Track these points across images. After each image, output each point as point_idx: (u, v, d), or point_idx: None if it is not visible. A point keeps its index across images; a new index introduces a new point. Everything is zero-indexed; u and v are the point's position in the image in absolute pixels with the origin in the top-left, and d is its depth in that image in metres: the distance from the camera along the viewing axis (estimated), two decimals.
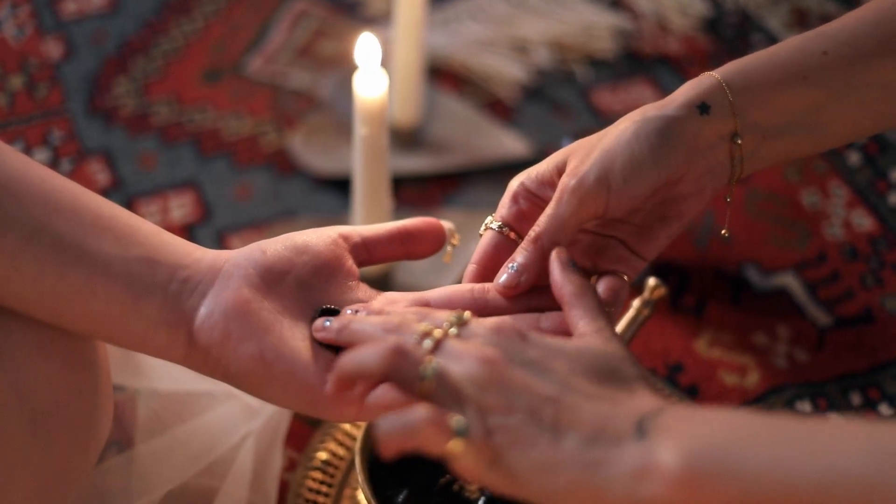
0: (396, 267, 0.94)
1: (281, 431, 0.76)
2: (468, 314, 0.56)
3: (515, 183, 0.65)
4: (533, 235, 0.61)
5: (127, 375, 0.73)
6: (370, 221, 0.86)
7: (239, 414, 0.74)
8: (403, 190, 1.02)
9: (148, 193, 1.01)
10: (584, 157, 0.62)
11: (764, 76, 0.62)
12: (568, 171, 0.62)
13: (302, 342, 0.58)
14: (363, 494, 0.62)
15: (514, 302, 0.61)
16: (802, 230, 0.99)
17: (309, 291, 0.60)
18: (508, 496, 0.51)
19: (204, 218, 0.99)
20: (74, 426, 0.57)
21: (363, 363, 0.53)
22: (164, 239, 0.59)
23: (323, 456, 0.78)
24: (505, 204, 0.65)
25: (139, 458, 0.71)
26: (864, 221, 1.00)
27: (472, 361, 0.52)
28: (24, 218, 0.54)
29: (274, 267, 0.60)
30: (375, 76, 0.82)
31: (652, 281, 0.72)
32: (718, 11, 1.24)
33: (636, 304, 0.72)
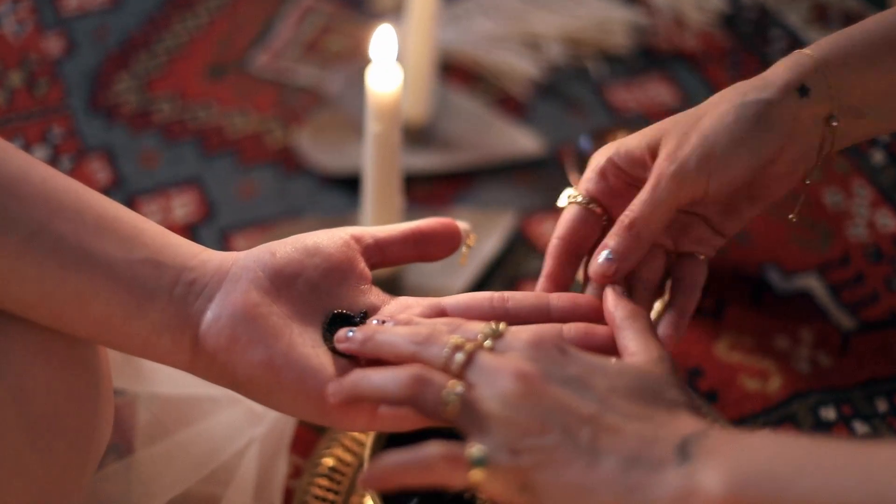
0: (407, 268, 0.93)
1: (286, 437, 0.75)
2: (503, 325, 0.55)
3: (602, 158, 0.64)
4: (627, 221, 0.61)
5: (127, 379, 0.72)
6: (381, 221, 0.85)
7: (243, 419, 0.73)
8: (413, 188, 1.01)
9: (150, 192, 1.01)
10: (681, 139, 0.61)
11: (860, 54, 0.61)
12: (665, 153, 0.61)
13: (312, 348, 0.57)
14: (371, 502, 0.62)
15: (536, 313, 0.60)
16: (824, 231, 0.98)
17: (319, 295, 0.59)
18: None
19: (207, 217, 0.99)
20: (74, 432, 0.57)
21: (382, 389, 0.53)
22: (169, 240, 0.58)
23: (329, 462, 0.77)
24: (590, 178, 0.64)
25: (140, 464, 0.70)
26: (888, 222, 0.99)
27: (505, 377, 0.51)
28: (24, 219, 0.53)
29: (283, 269, 0.58)
30: (390, 70, 0.81)
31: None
32: (736, 7, 1.24)
33: (657, 306, 0.70)
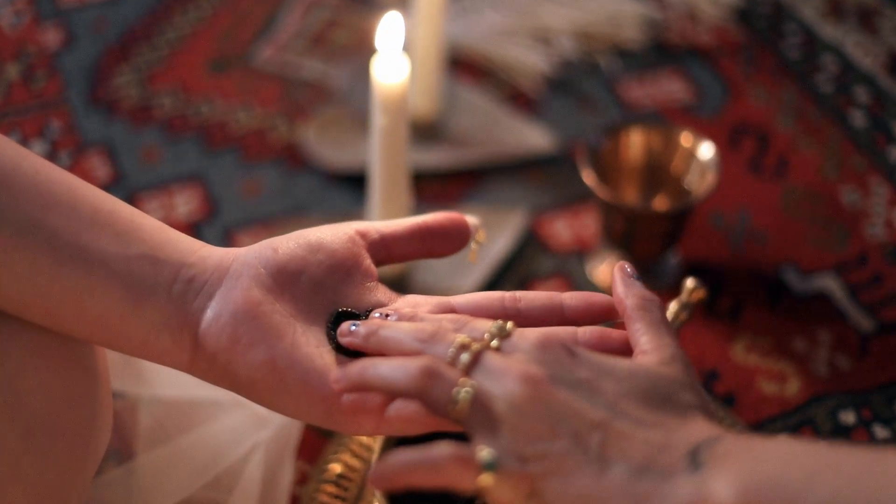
0: (415, 266, 0.92)
1: (292, 442, 0.74)
2: (511, 325, 0.54)
3: None
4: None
5: (127, 381, 0.71)
6: (388, 218, 0.83)
7: (247, 423, 0.72)
8: (421, 185, 1.00)
9: (151, 189, 1.00)
10: None
11: None
12: None
13: (316, 348, 0.55)
14: None
15: (549, 314, 0.58)
16: (841, 230, 0.97)
17: (323, 293, 0.58)
18: None
19: (210, 216, 0.98)
20: (71, 436, 0.55)
21: (390, 379, 0.51)
22: (167, 236, 0.57)
23: (337, 468, 0.76)
24: None
25: (140, 470, 0.69)
26: None
27: (513, 380, 0.50)
28: (16, 213, 0.52)
29: (286, 266, 0.57)
30: (396, 60, 0.80)
31: (690, 282, 0.69)
32: (750, 1, 1.23)
33: (673, 307, 0.68)
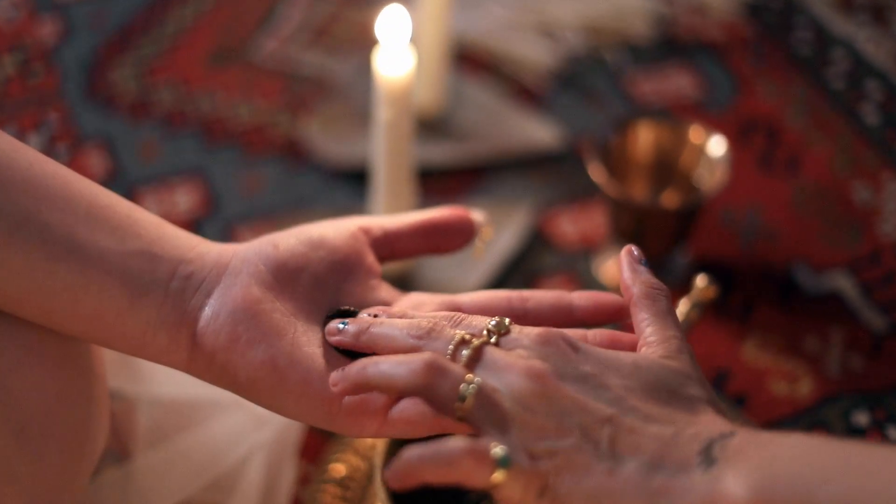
0: (419, 263, 0.92)
1: (293, 442, 0.74)
2: (509, 321, 0.53)
3: None
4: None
5: (125, 380, 0.70)
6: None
7: (247, 423, 0.72)
8: (425, 182, 1.00)
9: (150, 184, 1.00)
10: None
11: None
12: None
13: (318, 348, 0.54)
14: None
15: (557, 314, 0.58)
16: (853, 227, 0.96)
17: (325, 291, 0.57)
18: None
19: (210, 213, 0.98)
20: (66, 436, 0.55)
21: (392, 377, 0.50)
22: (165, 231, 0.56)
23: (339, 469, 0.76)
24: None
25: (138, 471, 0.68)
26: None
27: (517, 375, 0.49)
28: (8, 207, 0.51)
29: (287, 263, 0.56)
30: (400, 52, 0.79)
31: (700, 280, 0.68)
32: None
33: (683, 305, 0.67)
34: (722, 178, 0.86)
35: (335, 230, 0.59)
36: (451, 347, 0.51)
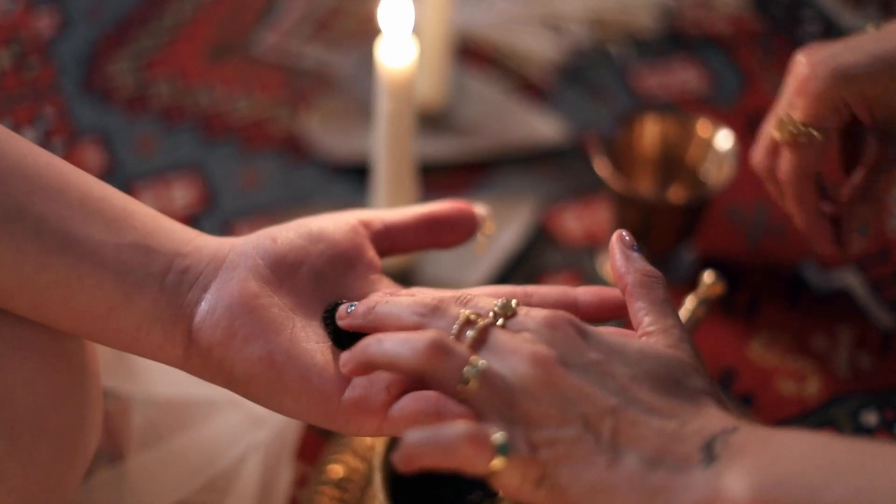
0: (421, 258, 0.92)
1: (290, 443, 0.73)
2: (515, 302, 0.52)
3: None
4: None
5: (119, 378, 0.70)
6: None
7: (244, 423, 0.72)
8: (427, 176, 0.99)
9: (147, 179, 1.00)
10: None
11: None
12: None
13: (316, 343, 0.54)
14: None
15: (560, 308, 0.56)
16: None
17: (324, 285, 0.57)
18: None
19: (208, 206, 0.97)
20: (58, 436, 0.54)
21: (395, 355, 0.50)
22: (160, 224, 0.56)
23: (338, 470, 0.75)
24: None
25: (132, 472, 0.68)
26: None
27: (522, 360, 0.49)
28: (0, 198, 0.51)
29: (286, 257, 0.56)
30: (403, 42, 0.79)
31: (708, 276, 0.68)
32: None
33: (690, 302, 0.67)
34: (729, 173, 0.86)
35: (335, 223, 0.58)
36: (455, 327, 0.51)
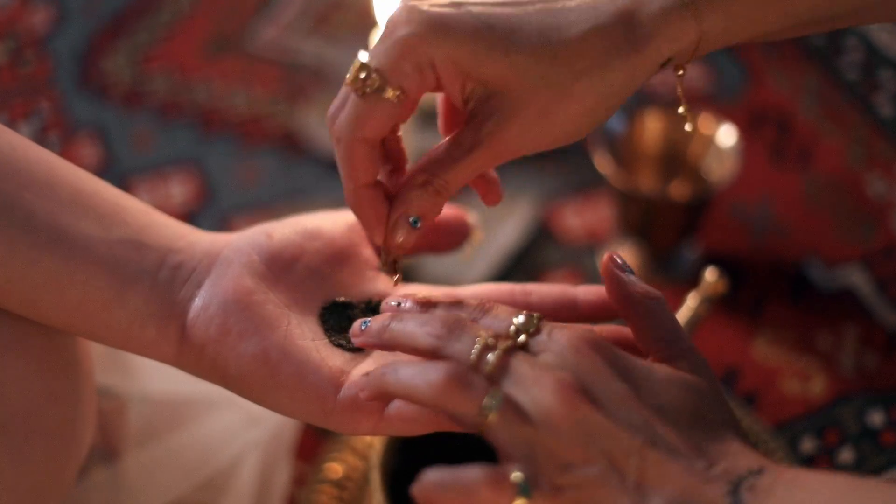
0: (418, 256, 0.90)
1: (288, 441, 0.73)
2: (538, 317, 0.49)
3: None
4: (437, 186, 0.53)
5: (113, 376, 0.69)
6: None
7: (240, 421, 0.71)
8: None
9: (143, 174, 0.99)
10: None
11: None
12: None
13: (312, 341, 0.53)
14: None
15: (561, 308, 0.56)
16: (866, 221, 0.95)
17: (320, 282, 0.56)
18: None
19: (205, 202, 0.97)
20: (51, 434, 0.54)
21: (412, 387, 0.47)
22: (153, 219, 0.55)
23: (336, 468, 0.76)
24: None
25: (127, 471, 0.68)
26: None
27: (545, 391, 0.46)
28: None
29: (281, 253, 0.56)
30: None
31: (710, 274, 0.67)
32: None
33: (692, 300, 0.66)
34: (732, 169, 0.85)
35: (331, 221, 0.58)
36: (474, 353, 0.48)
